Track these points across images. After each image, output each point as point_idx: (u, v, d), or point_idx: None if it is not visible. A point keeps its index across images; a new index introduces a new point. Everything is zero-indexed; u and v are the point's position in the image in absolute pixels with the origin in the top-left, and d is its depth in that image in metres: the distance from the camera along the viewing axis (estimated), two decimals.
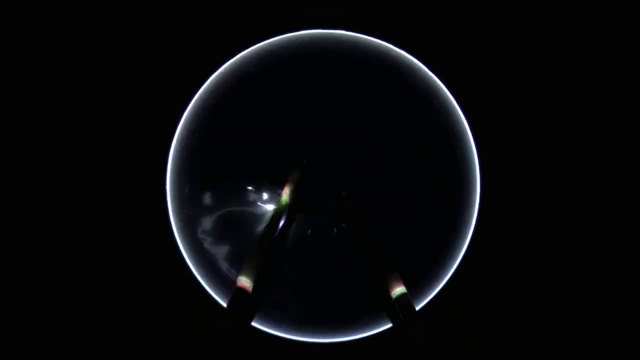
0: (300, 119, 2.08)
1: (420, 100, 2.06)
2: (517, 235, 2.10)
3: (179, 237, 2.01)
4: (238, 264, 2.00)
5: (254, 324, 1.95)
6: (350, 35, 2.08)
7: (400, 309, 1.65)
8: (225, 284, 1.99)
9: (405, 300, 1.64)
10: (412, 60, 2.08)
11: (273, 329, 1.94)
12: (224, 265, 2.01)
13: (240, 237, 2.04)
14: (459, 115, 2.05)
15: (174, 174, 2.04)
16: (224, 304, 1.86)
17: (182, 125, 2.05)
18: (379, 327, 1.94)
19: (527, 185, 2.13)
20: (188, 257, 1.99)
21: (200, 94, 2.07)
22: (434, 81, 2.06)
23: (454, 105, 2.06)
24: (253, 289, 1.60)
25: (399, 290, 1.65)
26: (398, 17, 2.16)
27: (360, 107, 2.07)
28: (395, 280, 1.67)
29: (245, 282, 1.60)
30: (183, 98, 2.05)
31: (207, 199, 2.05)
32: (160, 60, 2.15)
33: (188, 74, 2.08)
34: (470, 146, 2.04)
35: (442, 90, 2.05)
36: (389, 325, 1.92)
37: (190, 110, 2.06)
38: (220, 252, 2.02)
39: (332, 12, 2.13)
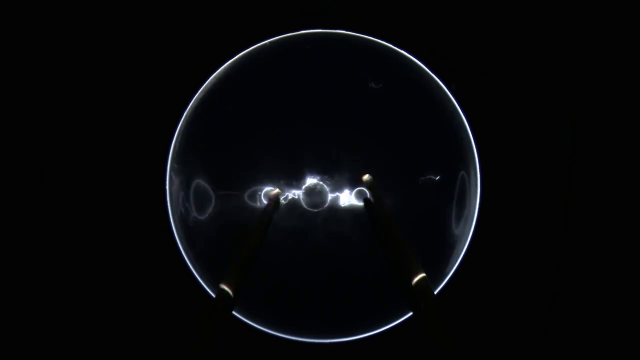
0: (301, 118, 2.09)
1: (419, 101, 2.07)
2: (516, 237, 2.11)
3: (179, 237, 2.02)
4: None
5: (253, 323, 1.96)
6: (350, 35, 2.08)
7: (420, 296, 1.68)
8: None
9: (425, 286, 1.68)
10: (412, 60, 2.07)
11: (278, 331, 1.95)
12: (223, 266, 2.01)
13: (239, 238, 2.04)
14: (460, 115, 2.05)
15: (174, 174, 2.05)
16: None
17: (182, 125, 2.05)
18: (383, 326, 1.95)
19: (528, 185, 2.13)
20: (188, 258, 1.99)
21: (200, 95, 2.07)
22: (434, 81, 2.06)
23: (454, 105, 2.06)
24: (234, 293, 1.63)
25: (419, 276, 1.68)
26: (398, 17, 2.16)
27: (360, 107, 2.07)
28: (415, 267, 1.70)
29: (226, 286, 1.63)
30: (183, 98, 2.05)
31: (207, 199, 2.05)
32: (160, 61, 2.15)
33: (187, 75, 2.08)
34: (471, 146, 2.04)
35: (442, 90, 2.05)
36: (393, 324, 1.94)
37: (189, 110, 2.06)
38: (221, 252, 2.02)
39: (330, 11, 2.13)
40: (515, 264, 2.09)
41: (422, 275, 1.70)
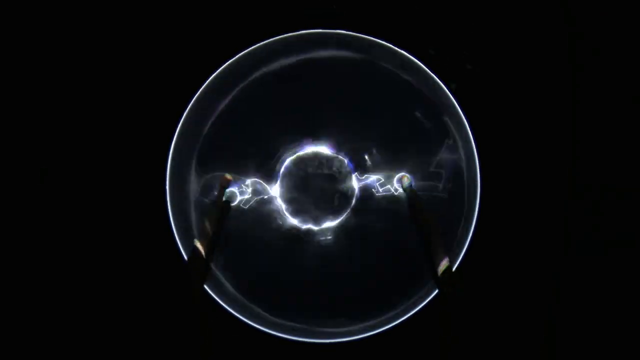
0: (300, 118, 2.08)
1: (420, 101, 2.06)
2: (517, 237, 2.11)
3: (179, 237, 2.02)
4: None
5: (252, 323, 1.96)
6: (350, 35, 2.08)
7: (445, 282, 1.70)
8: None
9: (450, 273, 1.70)
10: (412, 60, 2.07)
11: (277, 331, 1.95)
12: (224, 267, 2.02)
13: (240, 237, 2.05)
14: (460, 115, 2.05)
15: (174, 174, 2.05)
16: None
17: (182, 125, 2.05)
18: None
19: (528, 185, 2.13)
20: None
21: (200, 94, 2.06)
22: (434, 81, 2.05)
23: (454, 106, 2.06)
24: (207, 252, 1.63)
25: (444, 264, 1.69)
26: (398, 17, 2.15)
27: (360, 108, 2.07)
28: (441, 254, 1.72)
29: (199, 244, 1.66)
30: (183, 98, 2.04)
31: (207, 199, 2.05)
32: (159, 61, 2.15)
33: (187, 75, 2.07)
34: (471, 146, 2.04)
35: (443, 91, 2.05)
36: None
37: (189, 110, 2.05)
38: (221, 252, 2.02)
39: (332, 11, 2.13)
40: (515, 265, 2.09)
41: (447, 264, 1.70)
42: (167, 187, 2.02)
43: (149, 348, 2.02)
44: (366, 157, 2.07)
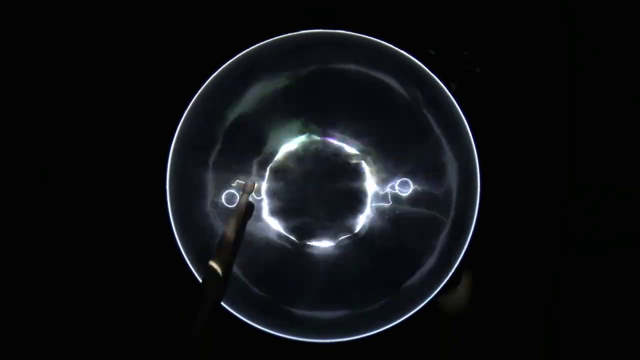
0: (299, 118, 2.08)
1: (420, 101, 2.06)
2: (517, 238, 2.11)
3: (179, 237, 2.02)
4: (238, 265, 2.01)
5: (251, 322, 1.96)
6: (350, 35, 2.07)
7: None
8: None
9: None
10: (412, 60, 2.07)
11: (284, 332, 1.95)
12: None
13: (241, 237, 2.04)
14: (460, 115, 2.05)
15: (174, 174, 2.04)
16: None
17: (182, 125, 2.05)
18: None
19: (528, 186, 2.13)
20: (189, 259, 1.99)
21: (200, 95, 2.06)
22: (434, 81, 2.05)
23: (454, 106, 2.05)
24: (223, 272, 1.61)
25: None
26: (398, 17, 2.15)
27: (360, 108, 2.07)
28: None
29: (215, 264, 1.60)
30: (182, 99, 2.04)
31: (208, 199, 2.05)
32: (159, 61, 2.15)
33: (187, 75, 2.07)
34: (471, 147, 2.04)
35: (443, 90, 2.05)
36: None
37: (189, 110, 2.05)
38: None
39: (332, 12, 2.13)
40: (515, 265, 2.09)
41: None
42: (167, 187, 2.02)
43: (148, 348, 2.02)
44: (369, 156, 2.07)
